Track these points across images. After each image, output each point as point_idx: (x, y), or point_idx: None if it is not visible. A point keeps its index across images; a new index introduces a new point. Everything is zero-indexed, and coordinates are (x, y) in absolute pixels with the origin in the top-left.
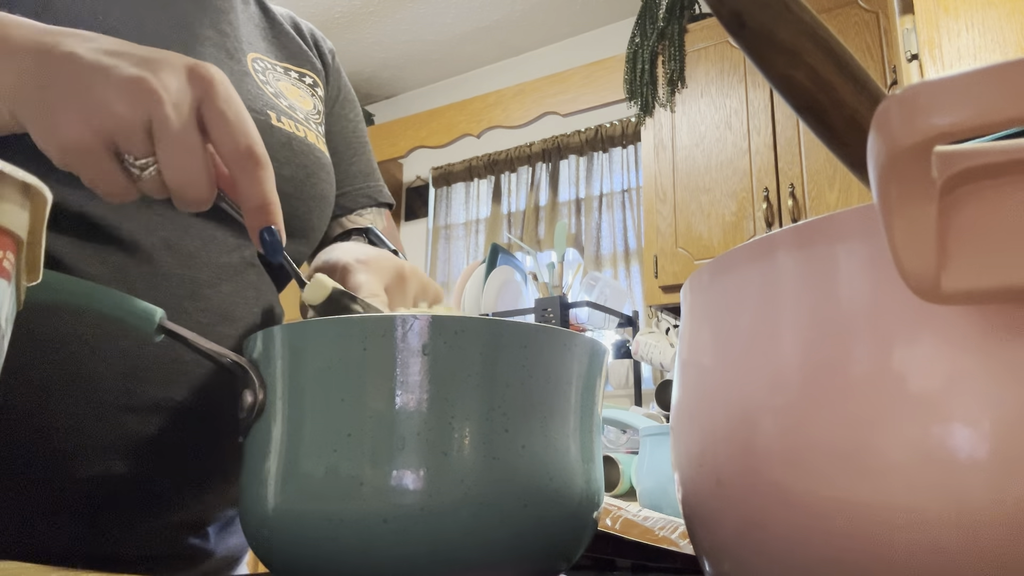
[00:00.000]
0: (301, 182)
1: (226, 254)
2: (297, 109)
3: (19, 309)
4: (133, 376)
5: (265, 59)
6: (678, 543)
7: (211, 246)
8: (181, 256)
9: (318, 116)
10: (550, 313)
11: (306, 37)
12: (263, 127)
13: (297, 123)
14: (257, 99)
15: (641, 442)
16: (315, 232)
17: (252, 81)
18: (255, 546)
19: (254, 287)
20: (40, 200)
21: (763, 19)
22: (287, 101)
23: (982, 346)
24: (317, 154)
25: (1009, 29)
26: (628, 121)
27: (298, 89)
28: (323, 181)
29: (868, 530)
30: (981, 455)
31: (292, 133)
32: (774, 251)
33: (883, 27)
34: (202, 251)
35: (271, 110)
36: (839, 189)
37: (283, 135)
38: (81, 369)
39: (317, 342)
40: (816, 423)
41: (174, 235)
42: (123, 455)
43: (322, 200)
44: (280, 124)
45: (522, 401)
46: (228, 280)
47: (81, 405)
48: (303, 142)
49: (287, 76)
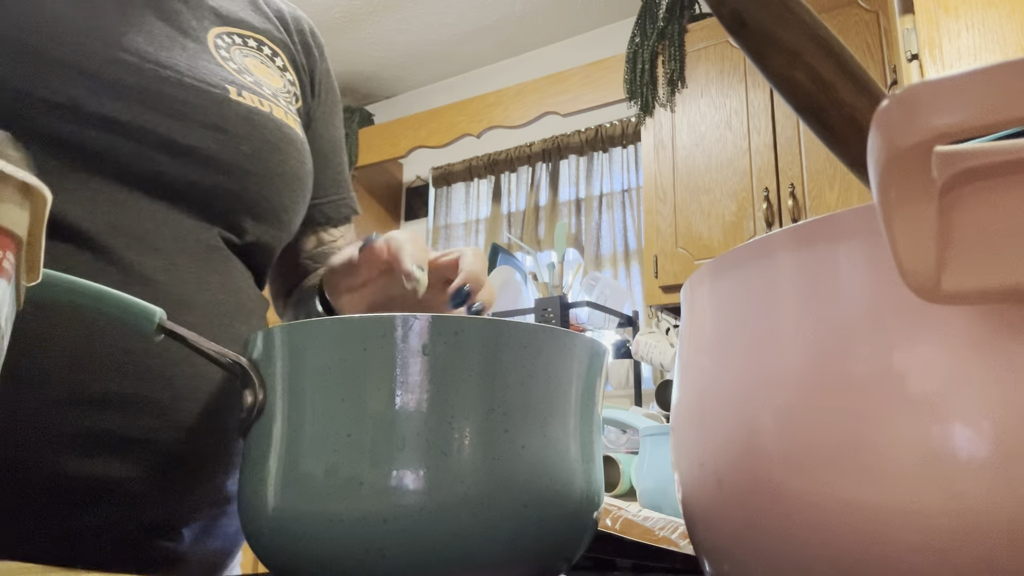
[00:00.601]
0: (265, 158)
1: (182, 237)
2: (264, 85)
3: (19, 309)
4: (81, 368)
5: (232, 34)
6: (678, 543)
7: (164, 229)
8: (131, 240)
9: (289, 95)
10: (550, 313)
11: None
12: (220, 101)
13: (262, 98)
14: (213, 74)
15: (641, 442)
16: (288, 214)
17: (209, 57)
18: (255, 546)
19: (218, 272)
20: (40, 200)
21: (763, 19)
22: (252, 77)
23: (982, 346)
24: (285, 130)
25: (1009, 29)
26: (628, 121)
27: (266, 67)
28: (292, 158)
29: (868, 530)
30: (981, 455)
31: (254, 107)
32: (774, 251)
33: (883, 27)
34: (154, 234)
35: (230, 84)
36: (839, 189)
37: (243, 108)
38: (27, 363)
39: (317, 342)
40: (816, 423)
41: (122, 218)
42: (76, 452)
43: (292, 179)
44: (240, 98)
45: (522, 401)
46: (187, 265)
47: (28, 400)
48: (267, 116)
49: (258, 52)
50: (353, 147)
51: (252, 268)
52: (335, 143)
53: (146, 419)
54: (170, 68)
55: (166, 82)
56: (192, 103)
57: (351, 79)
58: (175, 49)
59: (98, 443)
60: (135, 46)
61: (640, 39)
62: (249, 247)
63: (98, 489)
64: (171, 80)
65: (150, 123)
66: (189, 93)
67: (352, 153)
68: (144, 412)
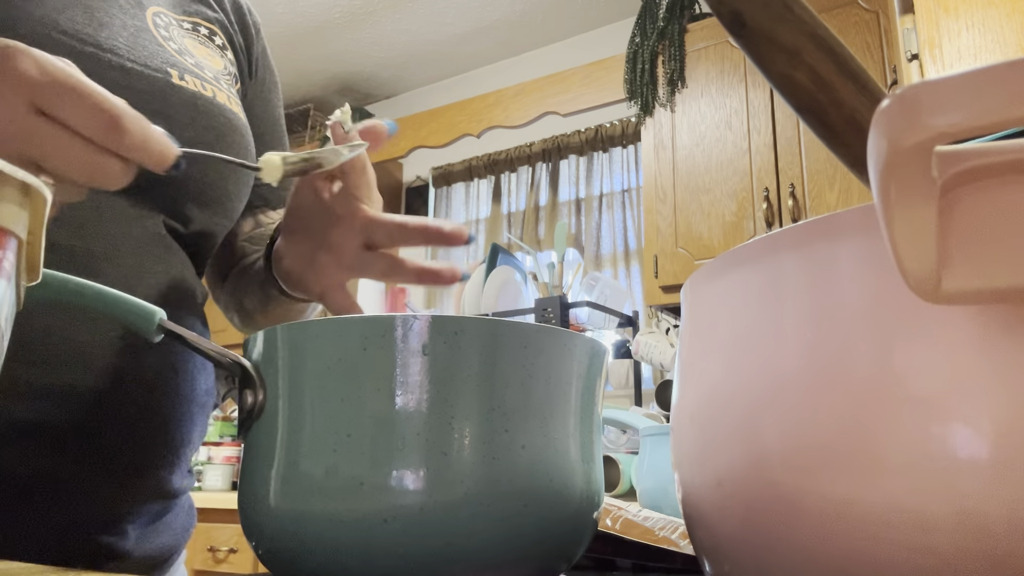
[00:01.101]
0: (209, 145)
1: (124, 224)
2: (205, 68)
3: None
4: (16, 359)
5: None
6: (678, 543)
7: (106, 216)
8: (72, 228)
9: (229, 77)
10: (550, 313)
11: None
12: (162, 86)
13: (204, 82)
14: (155, 56)
15: (641, 442)
16: (232, 201)
17: (151, 36)
18: (255, 546)
19: (162, 261)
20: (40, 200)
21: (763, 19)
22: (193, 59)
23: (982, 346)
24: (228, 115)
25: (1009, 29)
26: (628, 121)
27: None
28: (236, 144)
29: (868, 530)
30: (981, 455)
31: (197, 92)
32: (774, 251)
33: (883, 27)
34: (95, 221)
35: (172, 67)
36: (839, 189)
37: (186, 93)
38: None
39: (317, 342)
40: (816, 423)
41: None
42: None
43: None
44: (183, 83)
45: (522, 401)
46: (129, 253)
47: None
48: (211, 101)
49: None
50: None
51: (194, 257)
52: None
53: (83, 411)
54: (109, 51)
55: (106, 66)
56: (134, 88)
57: (351, 79)
58: (115, 27)
59: (33, 435)
60: (73, 26)
61: (640, 39)
62: (193, 236)
63: (35, 483)
64: (111, 63)
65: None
66: (131, 77)
67: None
68: (81, 403)
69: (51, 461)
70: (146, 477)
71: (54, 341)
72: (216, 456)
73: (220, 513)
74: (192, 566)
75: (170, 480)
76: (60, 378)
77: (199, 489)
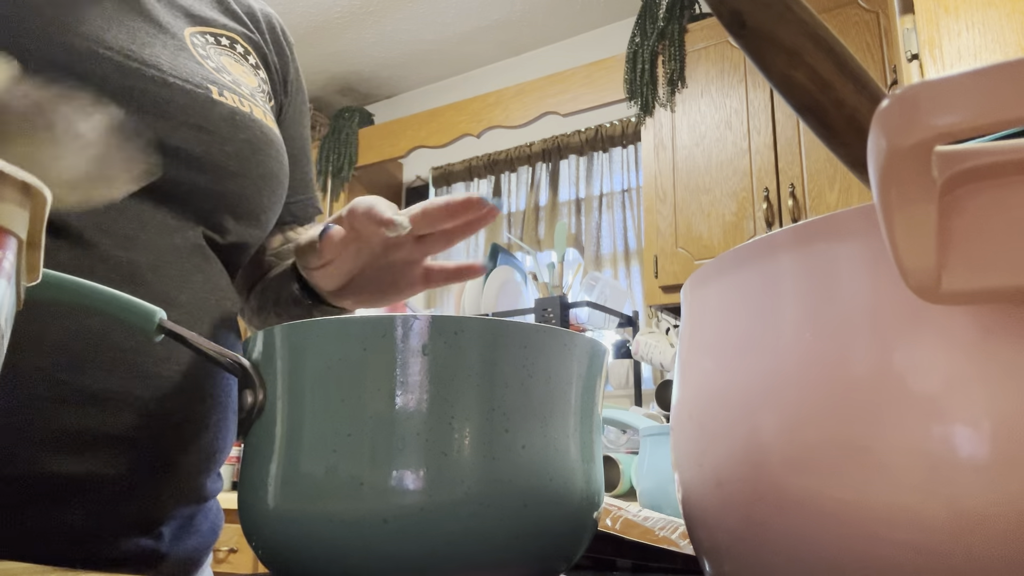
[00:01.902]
0: (247, 159)
1: (167, 236)
2: (242, 84)
3: (19, 309)
4: (66, 368)
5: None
6: (678, 543)
7: (150, 228)
8: (117, 239)
9: (264, 95)
10: (550, 313)
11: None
12: (203, 101)
13: (242, 98)
14: (195, 73)
15: (641, 442)
16: (267, 214)
17: (189, 55)
18: (255, 546)
19: (201, 271)
20: (40, 200)
21: (763, 19)
22: (230, 76)
23: (982, 346)
24: (264, 130)
25: (1009, 29)
26: (628, 121)
27: (241, 65)
28: (271, 159)
29: (868, 530)
30: (981, 455)
31: (235, 107)
32: (774, 251)
33: (883, 27)
34: (140, 233)
35: (212, 84)
36: (839, 189)
37: (225, 109)
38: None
39: (317, 342)
40: (816, 423)
41: (107, 219)
42: (58, 450)
43: (272, 179)
44: (222, 98)
45: (522, 401)
46: (172, 263)
47: (8, 398)
48: (248, 117)
49: (231, 50)
50: (353, 147)
51: (228, 267)
52: (303, 144)
53: (129, 417)
54: (153, 67)
55: (150, 81)
56: (177, 103)
57: (351, 79)
58: (156, 46)
59: (80, 441)
60: (118, 43)
61: (640, 39)
62: (230, 247)
63: (78, 487)
64: (155, 79)
65: (135, 122)
66: (173, 92)
67: (352, 153)
68: (127, 410)
69: (95, 466)
70: (184, 482)
71: (101, 347)
72: None
73: None
74: None
75: (204, 484)
76: (107, 384)
77: None
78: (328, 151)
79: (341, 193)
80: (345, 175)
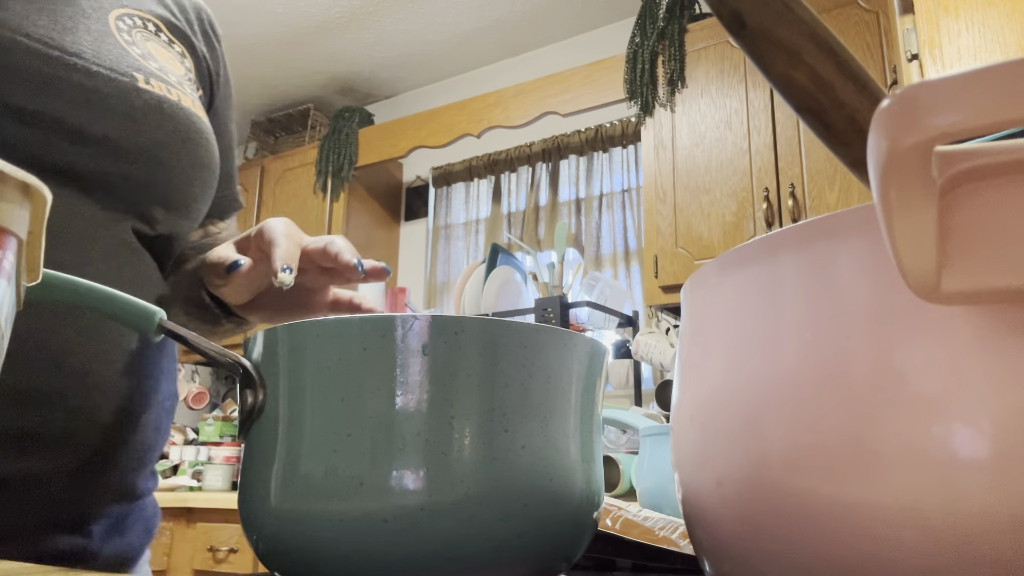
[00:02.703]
0: (176, 148)
1: (95, 228)
2: (169, 72)
3: (19, 309)
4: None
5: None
6: (678, 543)
7: (76, 222)
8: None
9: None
10: (550, 313)
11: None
12: (129, 89)
13: (169, 86)
14: (120, 61)
15: (641, 442)
16: (197, 204)
17: (114, 41)
18: (255, 546)
19: (130, 266)
20: (40, 200)
21: (763, 19)
22: (157, 63)
23: (982, 346)
24: (193, 119)
25: (1009, 29)
26: (628, 121)
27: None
28: (201, 147)
29: (868, 530)
30: (981, 455)
31: (163, 96)
32: (774, 251)
33: (883, 27)
34: (65, 229)
35: (138, 72)
36: (839, 189)
37: (152, 97)
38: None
39: (317, 342)
40: (816, 423)
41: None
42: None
43: (202, 168)
44: (149, 87)
45: (522, 401)
46: (100, 260)
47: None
48: (176, 105)
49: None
50: (353, 147)
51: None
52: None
53: (58, 415)
54: (76, 55)
55: (73, 70)
56: (101, 92)
57: (351, 79)
58: (79, 31)
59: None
60: (39, 31)
61: (640, 39)
62: (160, 238)
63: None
64: (78, 67)
65: (59, 112)
66: (97, 81)
67: (352, 153)
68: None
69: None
70: (114, 479)
71: (28, 346)
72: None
73: (220, 513)
74: (192, 566)
75: (136, 483)
76: (34, 382)
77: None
78: (328, 151)
79: (341, 193)
80: (345, 175)
